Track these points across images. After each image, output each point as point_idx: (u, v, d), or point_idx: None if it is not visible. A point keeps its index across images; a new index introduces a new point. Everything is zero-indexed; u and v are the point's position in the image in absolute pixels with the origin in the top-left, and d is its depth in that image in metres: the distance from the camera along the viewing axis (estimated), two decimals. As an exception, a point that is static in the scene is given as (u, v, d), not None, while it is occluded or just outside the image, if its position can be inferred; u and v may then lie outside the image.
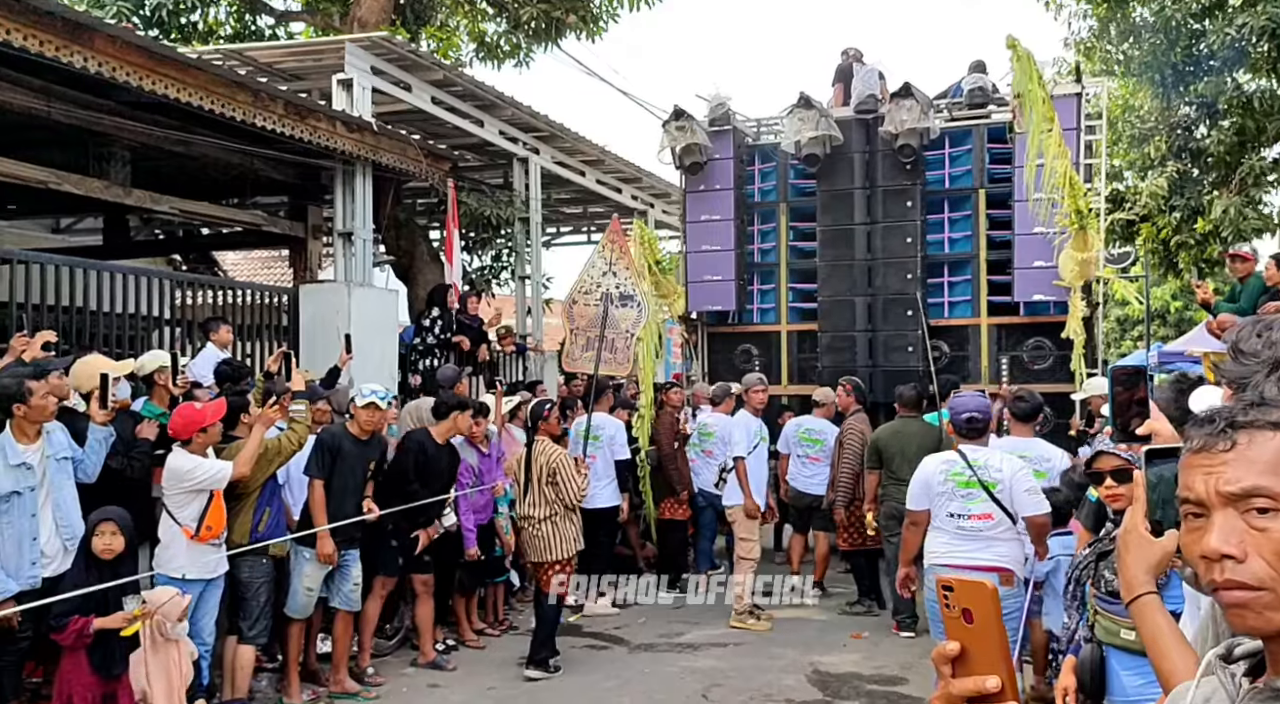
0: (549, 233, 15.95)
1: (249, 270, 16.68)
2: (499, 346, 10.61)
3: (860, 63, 10.07)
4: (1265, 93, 12.91)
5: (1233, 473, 1.02)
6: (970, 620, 0.95)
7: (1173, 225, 14.73)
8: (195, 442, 4.92)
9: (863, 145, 9.28)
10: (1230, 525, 1.01)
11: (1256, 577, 0.99)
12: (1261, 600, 0.99)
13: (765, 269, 10.05)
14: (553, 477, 6.12)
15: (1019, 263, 8.80)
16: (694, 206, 9.92)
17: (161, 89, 6.28)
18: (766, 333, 9.99)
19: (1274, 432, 1.02)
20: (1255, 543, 1.00)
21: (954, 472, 4.71)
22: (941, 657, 0.95)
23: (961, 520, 4.66)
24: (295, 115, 7.43)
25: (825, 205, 9.43)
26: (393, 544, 6.14)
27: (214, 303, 8.43)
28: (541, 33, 11.82)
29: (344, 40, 8.81)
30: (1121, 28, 13.56)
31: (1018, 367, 9.04)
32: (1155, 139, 14.55)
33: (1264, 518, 1.00)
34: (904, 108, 8.74)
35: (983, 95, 9.29)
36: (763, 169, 10.10)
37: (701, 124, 9.63)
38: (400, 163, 8.66)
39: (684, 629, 7.27)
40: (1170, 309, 23.37)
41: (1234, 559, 1.00)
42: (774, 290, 9.97)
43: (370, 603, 6.09)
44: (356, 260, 8.61)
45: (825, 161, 9.23)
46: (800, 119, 9.08)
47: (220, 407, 5.13)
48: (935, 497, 4.74)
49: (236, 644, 5.31)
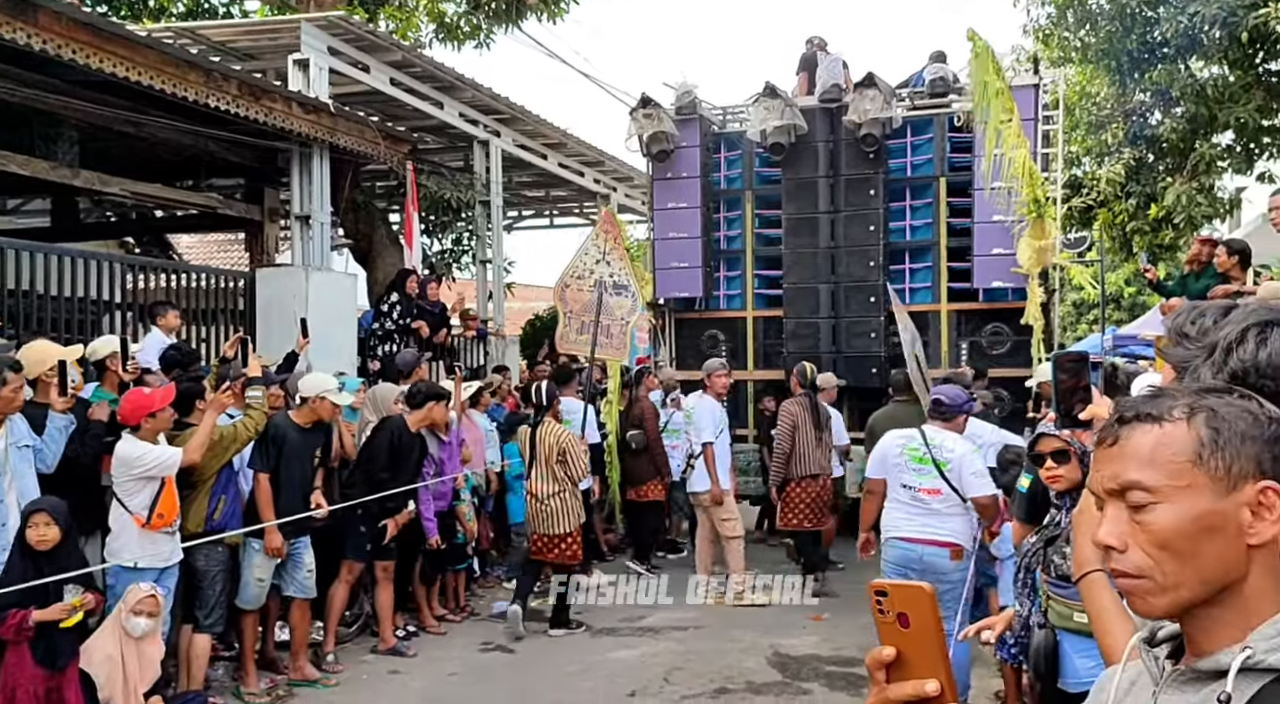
0: (510, 216, 15.84)
1: (204, 254, 16.40)
2: (461, 331, 10.53)
3: (825, 52, 10.13)
4: (1218, 80, 13.11)
5: (1112, 468, 1.07)
6: (907, 625, 0.94)
7: (1129, 211, 14.95)
8: (144, 427, 4.83)
9: (827, 134, 9.38)
10: (1116, 517, 1.06)
11: (1136, 566, 1.04)
12: (1143, 587, 1.04)
13: (731, 256, 10.12)
14: (562, 456, 6.58)
15: (978, 250, 8.93)
16: (661, 194, 9.97)
17: (110, 67, 6.12)
18: (733, 319, 10.08)
19: (1151, 425, 1.05)
20: (1134, 535, 1.04)
21: (910, 446, 4.99)
22: (876, 662, 0.95)
23: (914, 493, 4.94)
24: (250, 96, 7.29)
25: (790, 193, 9.51)
26: (362, 530, 6.10)
27: (167, 287, 8.26)
28: (502, 13, 11.71)
29: (300, 19, 8.65)
30: (1079, 15, 13.68)
31: (977, 351, 9.19)
32: (1112, 126, 14.73)
33: (1141, 512, 1.04)
34: (867, 98, 8.82)
35: (944, 85, 9.40)
36: (728, 157, 10.16)
37: (668, 112, 9.66)
38: (358, 145, 8.53)
39: (645, 613, 7.29)
40: (1124, 294, 23.78)
41: (1116, 550, 1.05)
42: (740, 277, 10.06)
43: (337, 588, 6.06)
44: (314, 244, 8.48)
45: (790, 150, 9.30)
46: (766, 108, 9.14)
47: (169, 392, 5.03)
48: (890, 468, 5.03)
49: (192, 633, 5.24)
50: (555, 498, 6.60)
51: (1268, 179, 14.26)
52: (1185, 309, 1.70)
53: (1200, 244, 7.57)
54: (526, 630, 6.63)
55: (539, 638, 6.72)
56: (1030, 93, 8.80)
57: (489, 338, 11.08)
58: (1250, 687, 0.97)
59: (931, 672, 0.93)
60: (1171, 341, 1.68)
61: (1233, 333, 1.27)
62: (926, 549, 4.86)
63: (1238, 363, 1.25)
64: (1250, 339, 1.26)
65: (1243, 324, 1.28)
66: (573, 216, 17.18)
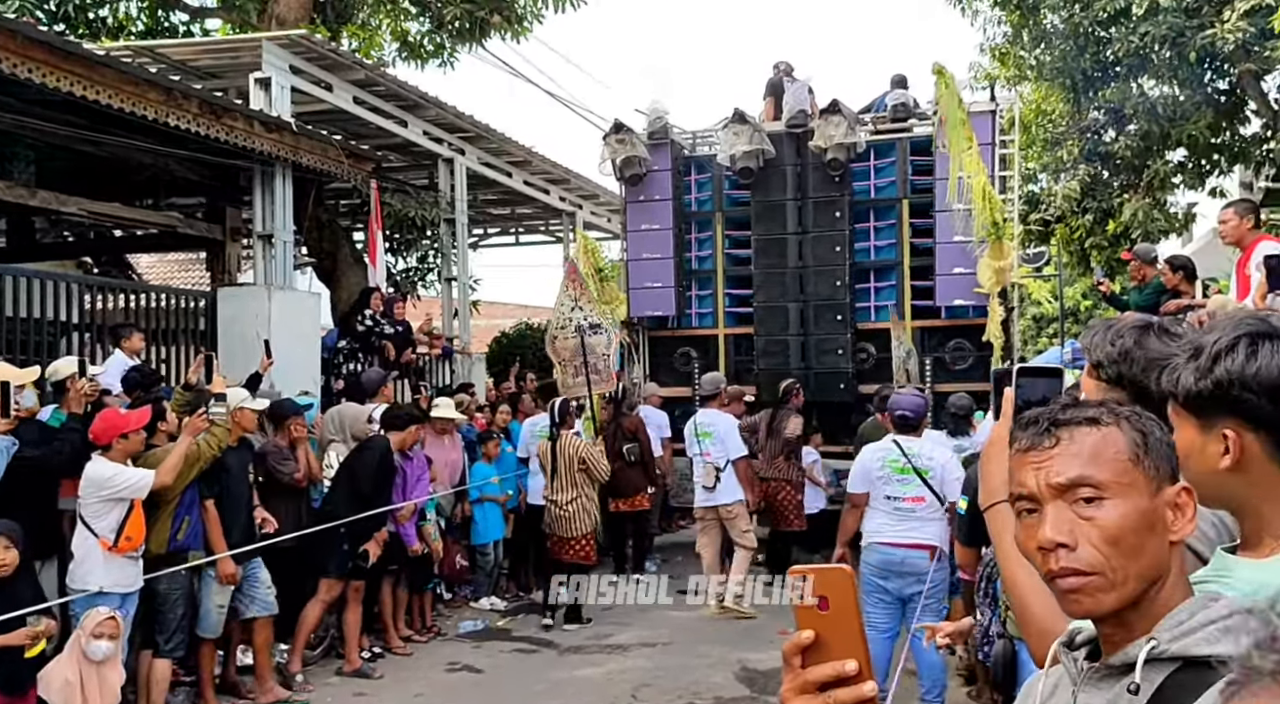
0: (476, 234, 15.81)
1: (165, 273, 16.20)
2: (427, 349, 10.49)
3: (791, 77, 10.41)
4: (1168, 99, 13.44)
5: (1058, 465, 1.10)
6: (826, 607, 0.93)
7: (1086, 227, 15.25)
8: (116, 448, 4.78)
9: (794, 158, 9.69)
10: (1061, 516, 1.09)
11: (1088, 562, 1.07)
12: (1093, 584, 1.06)
13: (703, 275, 10.39)
14: (583, 464, 7.25)
15: (940, 269, 9.26)
16: (634, 216, 10.23)
17: (67, 86, 6.06)
18: (704, 336, 10.33)
19: (1090, 427, 1.11)
20: (1084, 531, 1.08)
21: (890, 458, 5.19)
22: (794, 648, 0.94)
23: (897, 502, 5.15)
24: (210, 114, 7.24)
25: (759, 215, 9.81)
26: (345, 548, 6.08)
27: (127, 307, 8.15)
28: (466, 33, 11.71)
29: (261, 38, 8.61)
30: (1034, 34, 13.97)
31: (940, 367, 9.44)
32: (1068, 143, 15.03)
33: (1090, 507, 1.08)
34: (832, 124, 9.15)
35: (905, 111, 9.79)
36: (699, 179, 10.47)
37: (640, 137, 9.95)
38: (321, 164, 8.49)
39: (613, 631, 7.28)
40: (1081, 307, 24.19)
41: (1066, 547, 1.08)
42: (711, 295, 10.33)
43: (311, 607, 6.03)
44: (277, 263, 8.42)
45: (759, 174, 9.62)
46: (735, 133, 9.45)
47: (144, 414, 5.01)
48: (874, 481, 5.22)
49: (152, 659, 5.16)
50: (573, 503, 7.23)
51: (1219, 194, 14.62)
52: (1100, 326, 1.76)
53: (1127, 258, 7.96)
54: (490, 651, 6.59)
55: (506, 657, 6.69)
56: (988, 118, 9.19)
57: (455, 356, 11.04)
58: (1158, 676, 1.01)
59: (852, 652, 0.92)
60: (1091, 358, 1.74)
61: (1224, 341, 1.26)
62: (909, 552, 5.02)
63: (1224, 372, 1.24)
64: (1240, 349, 1.25)
65: (1234, 333, 1.26)
66: (538, 234, 17.20)
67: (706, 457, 7.68)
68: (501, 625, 7.54)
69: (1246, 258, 5.57)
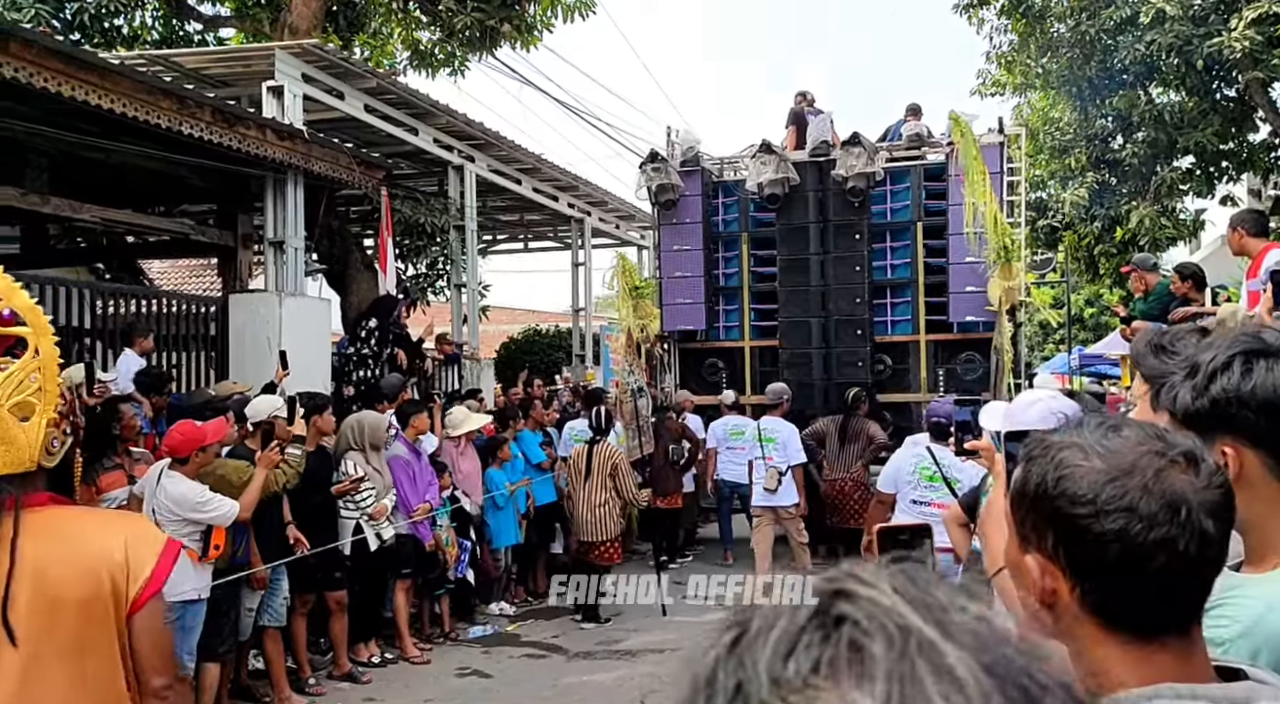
0: (485, 240, 15.89)
1: (176, 278, 16.31)
2: (435, 353, 10.54)
3: (812, 106, 11.26)
4: (1175, 106, 13.45)
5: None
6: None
7: (1094, 234, 15.26)
8: (193, 461, 4.83)
9: (816, 185, 10.31)
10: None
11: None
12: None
13: (729, 292, 11.06)
14: (614, 471, 7.54)
15: (953, 288, 9.85)
16: (667, 237, 10.91)
17: (82, 95, 6.12)
18: (730, 349, 10.99)
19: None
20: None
21: (921, 465, 5.48)
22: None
23: (923, 507, 5.38)
24: (223, 122, 7.31)
25: (784, 237, 10.47)
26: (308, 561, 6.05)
27: (138, 312, 8.22)
28: (476, 41, 11.78)
29: (274, 47, 8.69)
30: (1040, 42, 14.01)
31: (952, 378, 9.99)
32: (1075, 151, 15.05)
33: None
34: (853, 154, 9.83)
35: (919, 140, 10.48)
36: (726, 202, 11.15)
37: (674, 166, 10.65)
38: (333, 171, 8.56)
39: (623, 636, 7.30)
40: (1085, 315, 24.17)
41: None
42: (737, 310, 10.99)
43: (295, 620, 6.05)
44: (288, 269, 8.48)
45: (783, 199, 10.29)
46: (762, 162, 10.20)
47: (220, 426, 5.05)
48: (903, 484, 5.50)
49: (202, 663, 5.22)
50: (603, 507, 7.52)
51: (1229, 201, 14.61)
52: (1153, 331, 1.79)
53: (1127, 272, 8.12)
54: (499, 656, 6.60)
55: (516, 662, 6.72)
56: (996, 150, 9.84)
57: (463, 362, 11.09)
58: None
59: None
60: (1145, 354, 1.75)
61: (1219, 359, 1.26)
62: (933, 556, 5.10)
63: (1220, 391, 1.25)
64: (1236, 367, 1.25)
65: (1229, 351, 1.26)
66: (547, 240, 17.26)
67: (769, 460, 8.16)
68: (511, 630, 7.56)
69: (1256, 266, 5.56)
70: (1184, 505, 0.94)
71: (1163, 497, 0.94)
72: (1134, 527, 0.93)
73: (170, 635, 2.00)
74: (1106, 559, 0.94)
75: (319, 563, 6.07)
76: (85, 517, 1.95)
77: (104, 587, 1.79)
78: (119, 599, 1.80)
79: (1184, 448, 0.98)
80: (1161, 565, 0.93)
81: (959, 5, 14.26)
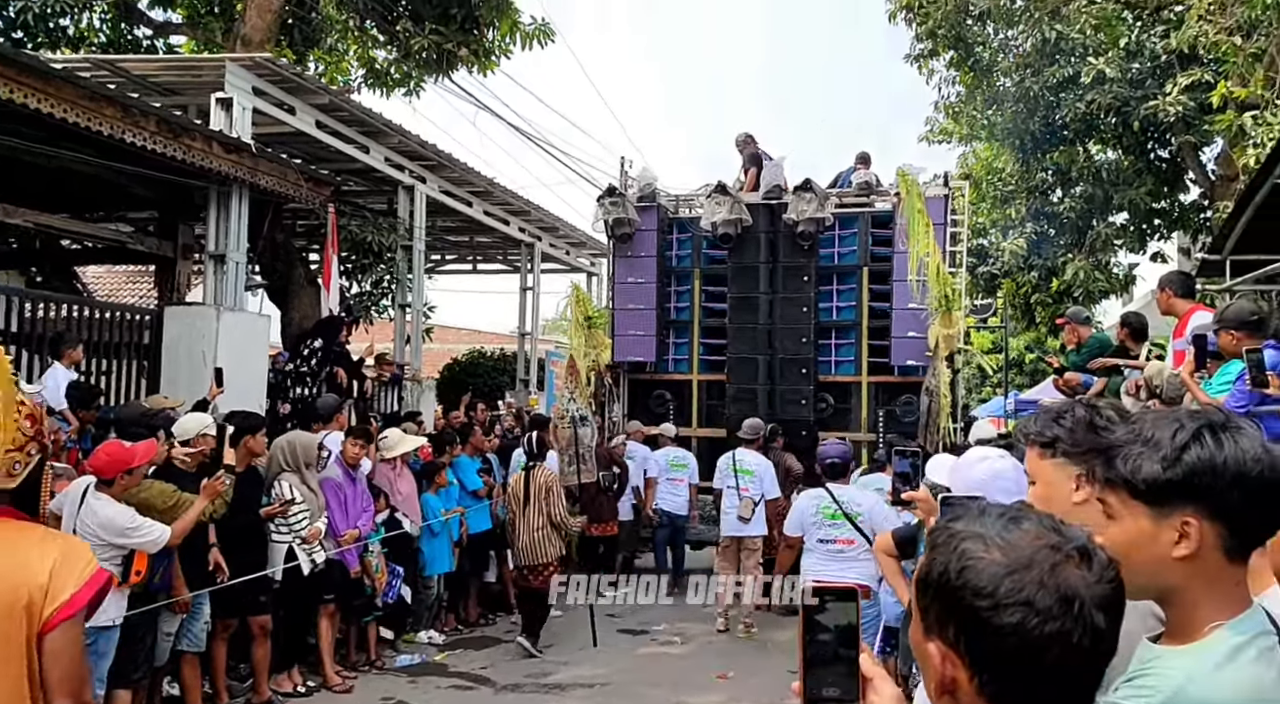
0: (433, 260, 15.78)
1: (112, 284, 15.89)
2: (376, 374, 10.40)
3: (753, 144, 11.52)
4: (1112, 164, 13.94)
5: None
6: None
7: (1031, 283, 15.68)
8: (119, 483, 4.66)
9: (768, 226, 10.70)
10: None
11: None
12: None
13: (680, 325, 11.29)
14: (547, 494, 7.55)
15: (895, 332, 10.21)
16: (621, 270, 11.10)
17: (20, 99, 5.98)
18: (679, 381, 11.20)
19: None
20: None
21: (823, 506, 5.81)
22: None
23: (830, 545, 5.78)
24: (168, 132, 7.19)
25: (734, 276, 10.78)
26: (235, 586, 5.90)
27: (69, 319, 7.99)
28: (433, 63, 11.77)
29: (225, 59, 8.58)
30: (986, 95, 14.44)
31: (892, 419, 10.20)
32: (1016, 201, 15.50)
33: None
34: (804, 200, 10.24)
35: (868, 188, 10.87)
36: (680, 238, 11.49)
37: (631, 200, 10.92)
38: (280, 186, 8.45)
39: (553, 669, 7.23)
40: (1025, 360, 24.76)
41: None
42: (687, 344, 11.28)
43: (215, 645, 5.88)
44: (228, 283, 8.33)
45: (736, 239, 10.64)
46: (717, 203, 10.60)
47: (150, 448, 4.91)
48: (808, 526, 5.85)
49: (112, 689, 5.03)
50: (541, 531, 7.52)
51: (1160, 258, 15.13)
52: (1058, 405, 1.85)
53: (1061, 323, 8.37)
54: (426, 687, 6.49)
55: (442, 693, 6.60)
56: (941, 202, 10.24)
57: (404, 383, 10.96)
58: None
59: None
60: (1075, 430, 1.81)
61: (1185, 431, 1.30)
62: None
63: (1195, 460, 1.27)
64: (1207, 438, 1.28)
65: (1194, 424, 1.30)
66: (496, 263, 17.21)
67: (745, 491, 8.37)
68: (439, 660, 7.44)
69: (1182, 326, 5.75)
70: (1077, 600, 0.98)
71: (1057, 591, 0.98)
72: (1030, 620, 0.97)
73: (85, 663, 1.96)
74: (1004, 651, 0.98)
75: (244, 586, 5.92)
76: (26, 532, 1.91)
77: (19, 603, 1.78)
78: (32, 617, 1.79)
79: (1078, 542, 1.02)
80: (1056, 657, 0.97)
81: (910, 55, 14.64)
